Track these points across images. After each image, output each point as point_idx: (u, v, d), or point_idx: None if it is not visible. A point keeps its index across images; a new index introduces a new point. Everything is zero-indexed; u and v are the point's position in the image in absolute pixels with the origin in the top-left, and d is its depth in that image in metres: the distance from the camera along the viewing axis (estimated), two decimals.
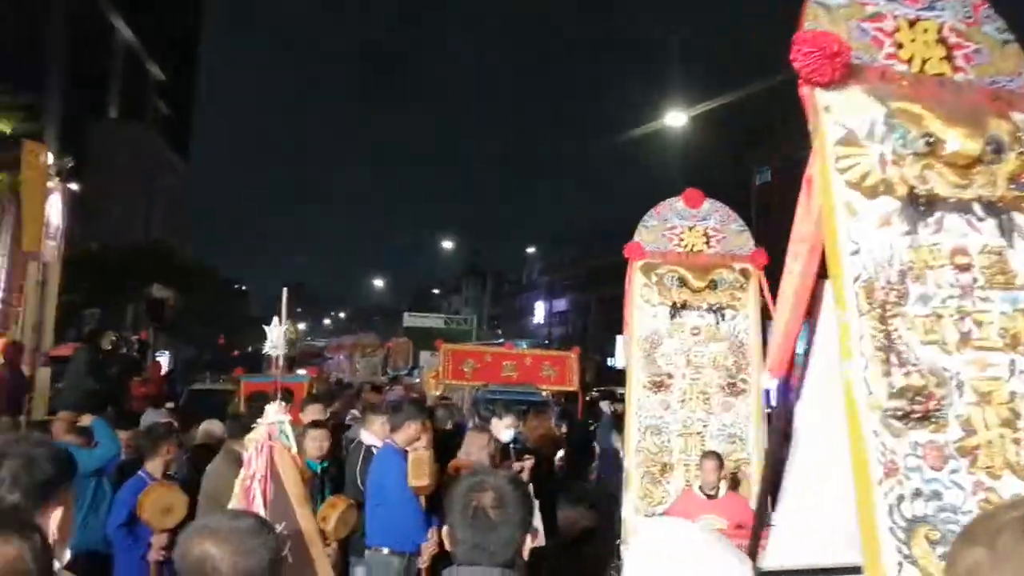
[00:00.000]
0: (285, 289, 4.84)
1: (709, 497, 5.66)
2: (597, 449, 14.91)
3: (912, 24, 2.80)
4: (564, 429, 12.59)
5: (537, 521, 6.35)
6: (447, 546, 1.96)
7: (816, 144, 2.58)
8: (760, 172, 34.01)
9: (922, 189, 2.54)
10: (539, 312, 67.87)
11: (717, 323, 6.03)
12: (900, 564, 2.17)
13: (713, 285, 6.05)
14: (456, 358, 14.31)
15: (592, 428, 15.33)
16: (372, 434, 5.98)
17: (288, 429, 3.67)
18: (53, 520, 1.84)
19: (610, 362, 30.94)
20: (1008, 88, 2.80)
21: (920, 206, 2.54)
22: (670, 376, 5.98)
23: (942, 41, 2.81)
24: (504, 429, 7.22)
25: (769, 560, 2.91)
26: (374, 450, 5.75)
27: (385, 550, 5.21)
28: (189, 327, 38.10)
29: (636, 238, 6.23)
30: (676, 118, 22.89)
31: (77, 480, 2.31)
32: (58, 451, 2.03)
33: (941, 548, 2.19)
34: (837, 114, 2.56)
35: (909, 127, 2.58)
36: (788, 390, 3.09)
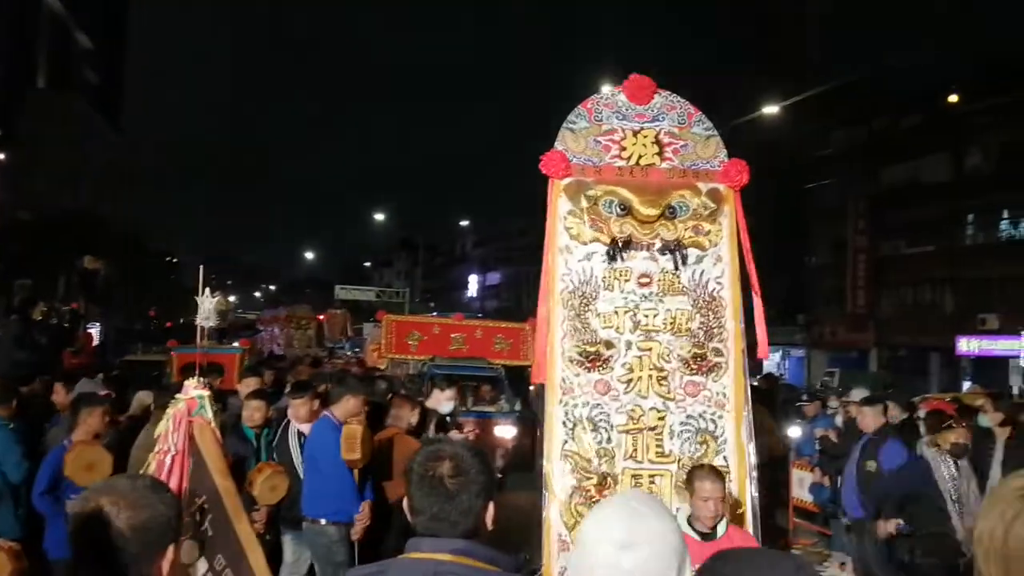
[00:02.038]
0: (202, 267, 4.79)
1: (704, 537, 3.84)
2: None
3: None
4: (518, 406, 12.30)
5: None
6: (408, 517, 1.91)
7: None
8: None
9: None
10: (472, 285, 68.53)
11: (676, 268, 4.27)
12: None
13: (670, 213, 4.27)
14: (400, 330, 13.27)
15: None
16: (296, 419, 5.84)
17: (208, 404, 3.60)
18: None
19: None
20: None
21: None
22: (609, 345, 4.18)
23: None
24: (445, 401, 7.22)
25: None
26: (304, 431, 5.72)
27: (322, 521, 5.25)
28: (121, 298, 37.78)
29: (558, 145, 4.34)
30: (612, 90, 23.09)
31: None
32: None
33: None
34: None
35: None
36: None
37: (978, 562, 1.10)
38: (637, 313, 4.25)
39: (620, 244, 4.28)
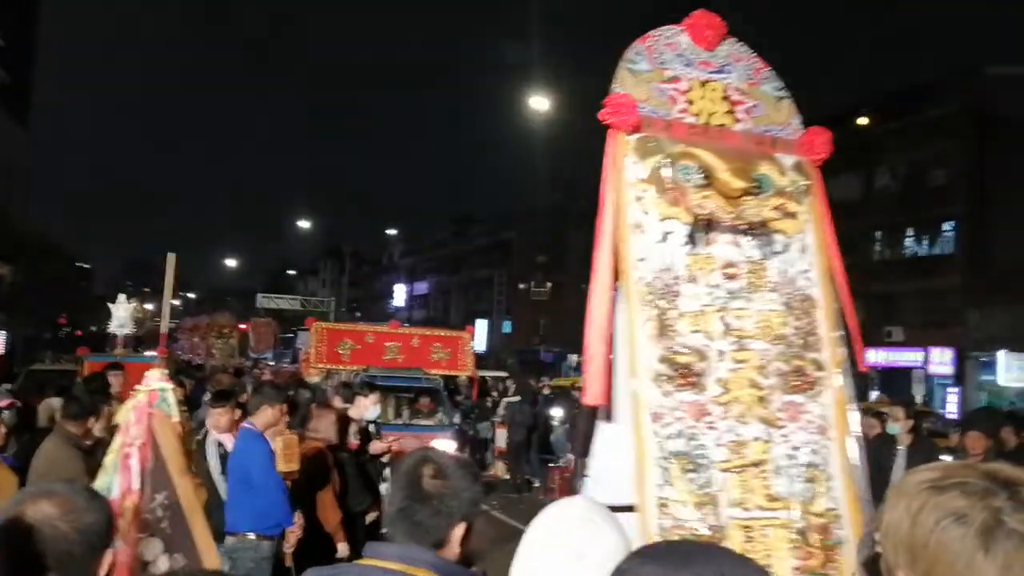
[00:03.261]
0: (172, 255, 4.06)
1: None
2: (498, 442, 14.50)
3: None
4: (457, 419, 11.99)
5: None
6: (385, 523, 2.07)
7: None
8: None
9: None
10: (399, 295, 68.12)
11: (763, 257, 3.42)
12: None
13: (756, 188, 3.38)
14: (331, 338, 12.56)
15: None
16: (215, 428, 5.65)
17: (170, 397, 3.50)
18: None
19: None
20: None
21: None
22: (701, 356, 3.21)
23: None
24: (370, 407, 7.06)
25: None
26: (224, 441, 5.55)
27: (252, 535, 4.95)
28: (28, 305, 36.24)
29: (617, 86, 3.37)
30: (539, 102, 22.46)
31: None
32: None
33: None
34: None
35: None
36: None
37: (887, 554, 1.13)
38: (726, 314, 3.29)
39: (701, 223, 3.31)
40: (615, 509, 2.43)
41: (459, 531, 1.84)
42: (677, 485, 3.01)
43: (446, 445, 10.52)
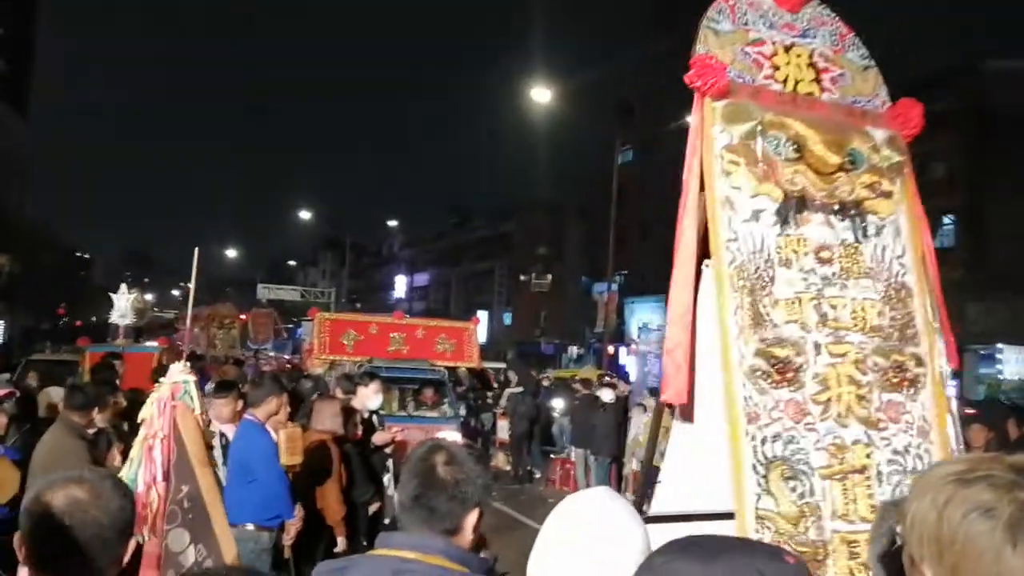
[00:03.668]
0: (197, 249, 4.18)
1: None
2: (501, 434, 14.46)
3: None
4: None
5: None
6: (397, 512, 1.89)
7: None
8: (623, 152, 35.62)
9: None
10: (400, 286, 68.09)
11: (856, 240, 3.11)
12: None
13: (850, 164, 3.08)
14: (334, 329, 12.32)
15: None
16: (218, 419, 5.58)
17: (192, 389, 3.51)
18: None
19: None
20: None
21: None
22: (797, 349, 2.90)
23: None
24: (372, 396, 7.00)
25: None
26: (227, 432, 5.53)
27: (250, 526, 4.88)
28: (27, 295, 36.25)
29: (700, 47, 3.07)
30: (540, 94, 22.67)
31: None
32: None
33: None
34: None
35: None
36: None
37: (911, 548, 1.11)
38: (821, 302, 2.96)
39: (792, 201, 2.99)
40: (699, 517, 2.49)
41: (473, 517, 1.85)
42: (776, 494, 2.71)
43: (451, 438, 10.48)
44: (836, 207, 3.06)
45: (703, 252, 2.92)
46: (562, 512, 1.59)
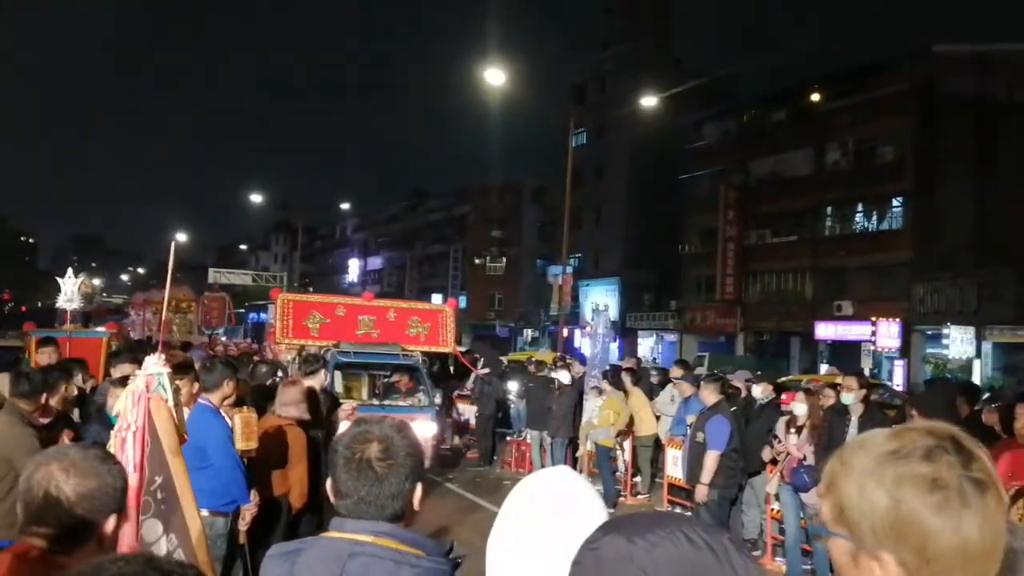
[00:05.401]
0: (174, 242, 4.18)
1: None
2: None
3: None
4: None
5: None
6: (331, 498, 1.86)
7: None
8: (577, 134, 35.65)
9: None
10: (353, 270, 67.58)
11: None
12: None
13: None
14: (298, 311, 11.39)
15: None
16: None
17: (166, 381, 3.53)
18: None
19: None
20: None
21: None
22: None
23: None
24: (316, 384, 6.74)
25: None
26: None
27: (205, 512, 4.76)
28: None
29: None
30: (494, 75, 22.46)
31: None
32: None
33: None
34: None
35: None
36: None
37: (862, 540, 1.07)
38: None
39: None
40: None
41: (417, 493, 1.86)
42: None
43: (426, 427, 10.12)
44: None
45: None
46: (521, 491, 1.58)
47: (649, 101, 28.75)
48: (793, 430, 7.46)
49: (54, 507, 1.83)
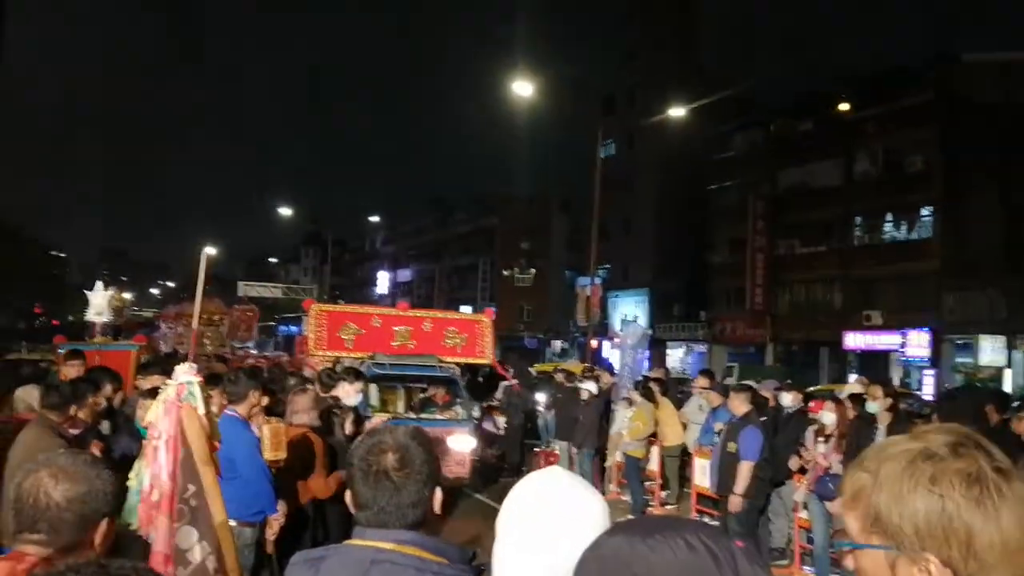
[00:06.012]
0: (204, 252, 4.29)
1: None
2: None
3: None
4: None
5: None
6: (350, 508, 1.86)
7: None
8: (605, 145, 35.62)
9: None
10: (383, 282, 67.91)
11: None
12: None
13: None
14: (332, 322, 11.05)
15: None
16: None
17: (196, 390, 3.55)
18: None
19: None
20: None
21: None
22: None
23: None
24: (353, 393, 6.97)
25: None
26: None
27: (233, 522, 4.75)
28: (2, 295, 35.92)
29: None
30: (522, 87, 22.40)
31: None
32: None
33: None
34: None
35: None
36: None
37: (906, 546, 1.04)
38: None
39: None
40: None
41: (437, 498, 1.88)
42: None
43: (465, 441, 9.90)
44: None
45: None
46: (522, 490, 1.59)
47: (677, 112, 28.68)
48: (821, 439, 7.44)
49: (44, 513, 1.85)
